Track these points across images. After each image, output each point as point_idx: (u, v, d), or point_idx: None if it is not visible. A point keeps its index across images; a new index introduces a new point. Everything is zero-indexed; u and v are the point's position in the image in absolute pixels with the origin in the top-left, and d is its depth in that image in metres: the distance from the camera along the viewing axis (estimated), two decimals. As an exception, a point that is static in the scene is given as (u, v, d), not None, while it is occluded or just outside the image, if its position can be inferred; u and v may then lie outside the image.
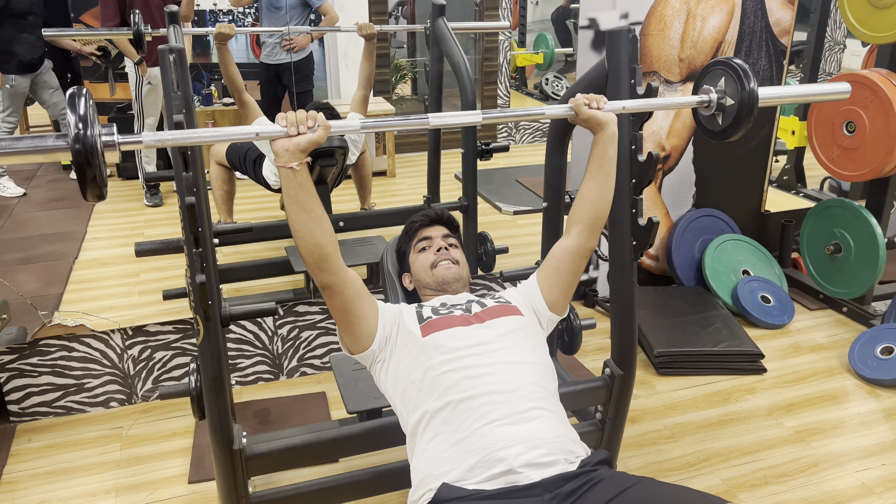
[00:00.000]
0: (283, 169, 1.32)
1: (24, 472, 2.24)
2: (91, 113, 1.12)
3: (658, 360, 2.75)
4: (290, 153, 1.31)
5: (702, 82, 1.64)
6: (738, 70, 1.53)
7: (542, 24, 7.17)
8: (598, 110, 1.50)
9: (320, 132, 1.31)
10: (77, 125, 1.10)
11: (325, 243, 1.39)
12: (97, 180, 1.13)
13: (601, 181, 1.56)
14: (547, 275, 1.64)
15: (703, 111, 1.63)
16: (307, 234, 1.37)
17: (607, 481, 1.33)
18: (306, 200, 1.35)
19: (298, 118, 1.30)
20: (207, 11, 5.16)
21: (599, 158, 1.55)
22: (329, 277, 1.43)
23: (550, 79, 6.56)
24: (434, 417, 1.42)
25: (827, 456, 2.29)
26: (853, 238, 2.99)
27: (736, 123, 1.56)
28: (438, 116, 1.42)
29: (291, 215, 1.36)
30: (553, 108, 1.54)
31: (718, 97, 1.59)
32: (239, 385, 2.68)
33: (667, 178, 3.26)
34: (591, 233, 1.59)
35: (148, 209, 4.27)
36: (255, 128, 1.30)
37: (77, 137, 1.10)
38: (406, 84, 6.70)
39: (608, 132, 1.53)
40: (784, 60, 3.25)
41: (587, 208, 1.58)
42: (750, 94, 1.52)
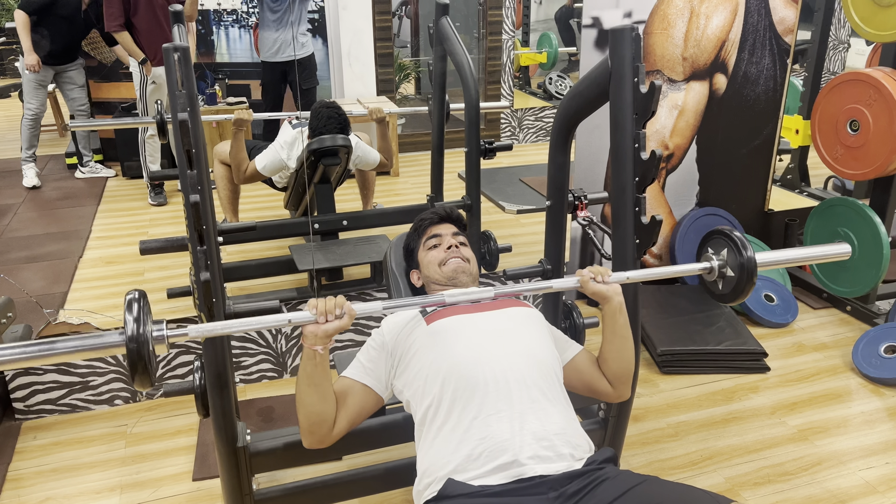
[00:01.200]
0: (307, 349, 1.38)
1: (29, 469, 2.25)
2: (144, 314, 1.24)
3: (661, 358, 2.75)
4: (318, 338, 1.36)
5: (706, 245, 1.72)
6: (737, 242, 1.62)
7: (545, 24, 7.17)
8: (602, 284, 1.53)
9: (346, 319, 1.37)
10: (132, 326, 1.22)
11: (326, 413, 1.44)
12: (148, 370, 1.23)
13: (618, 345, 1.58)
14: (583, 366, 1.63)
15: (707, 276, 1.71)
16: (310, 405, 1.43)
17: (612, 480, 1.33)
18: (321, 380, 1.41)
19: (328, 307, 1.35)
20: (211, 11, 5.18)
21: (612, 327, 1.58)
22: (317, 441, 1.47)
23: (554, 78, 6.56)
24: (441, 405, 1.43)
25: (830, 455, 2.29)
26: (857, 237, 2.99)
27: (735, 292, 1.64)
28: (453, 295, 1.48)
29: (301, 388, 1.42)
30: (561, 282, 1.55)
31: (720, 265, 1.66)
32: (243, 383, 2.69)
33: (670, 177, 3.26)
34: (624, 385, 1.61)
35: (152, 208, 4.28)
36: (288, 315, 1.37)
37: (132, 337, 1.21)
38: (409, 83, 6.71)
39: (614, 304, 1.56)
40: (788, 59, 3.24)
41: (610, 368, 1.60)
42: (748, 263, 1.59)
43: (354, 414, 1.51)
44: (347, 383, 1.54)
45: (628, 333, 1.59)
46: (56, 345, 1.22)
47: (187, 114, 1.49)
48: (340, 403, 1.49)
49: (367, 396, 1.53)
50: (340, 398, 1.50)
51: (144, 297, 1.26)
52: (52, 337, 2.43)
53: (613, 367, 1.59)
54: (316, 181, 3.18)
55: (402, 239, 1.97)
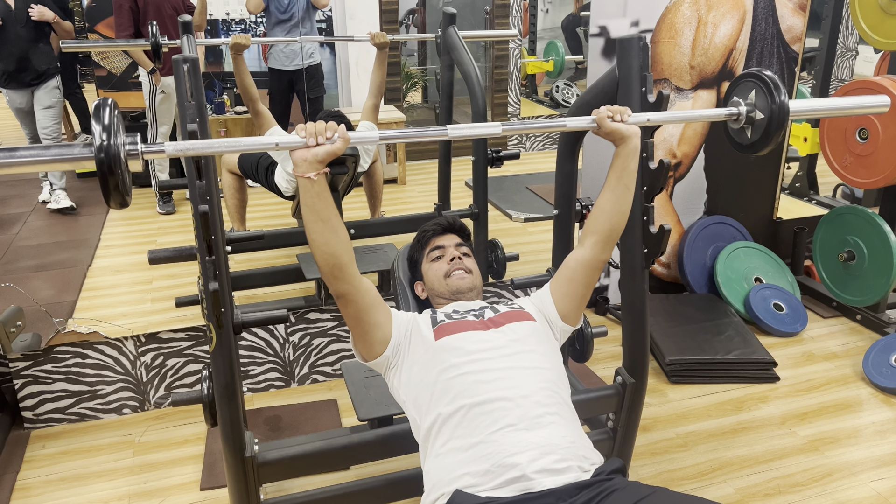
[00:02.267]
0: (301, 179, 1.34)
1: (37, 478, 2.25)
2: (115, 123, 1.14)
3: (670, 368, 2.74)
4: (309, 163, 1.32)
5: (732, 94, 1.60)
6: (768, 83, 1.50)
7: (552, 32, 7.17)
8: (621, 123, 1.49)
9: (339, 143, 1.32)
10: (101, 135, 1.12)
11: (341, 253, 1.40)
12: (120, 188, 1.15)
13: (619, 193, 1.55)
14: (560, 285, 1.64)
15: (733, 124, 1.60)
16: (323, 244, 1.39)
17: (621, 491, 1.32)
18: (323, 210, 1.37)
19: (318, 129, 1.31)
20: (220, 21, 5.21)
21: (620, 171, 1.54)
22: (343, 286, 1.44)
23: (561, 86, 6.56)
24: (447, 422, 1.42)
25: (841, 465, 2.27)
26: (867, 245, 2.97)
27: (765, 138, 1.53)
28: (457, 128, 1.41)
29: (309, 224, 1.38)
30: (575, 121, 1.51)
31: (748, 110, 1.55)
32: (251, 392, 2.69)
33: (678, 186, 3.25)
34: (605, 245, 1.58)
35: (161, 217, 4.30)
36: (275, 138, 1.31)
37: (102, 147, 1.11)
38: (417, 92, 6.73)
39: (631, 145, 1.51)
40: (796, 67, 3.24)
41: (603, 220, 1.57)
42: (780, 107, 1.48)
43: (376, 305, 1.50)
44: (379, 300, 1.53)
45: (632, 183, 1.55)
46: (18, 152, 1.14)
47: (196, 124, 1.49)
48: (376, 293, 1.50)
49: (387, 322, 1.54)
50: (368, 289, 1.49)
51: (116, 106, 1.17)
52: (60, 346, 2.44)
53: (605, 221, 1.56)
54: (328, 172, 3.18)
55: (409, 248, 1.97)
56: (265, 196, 3.68)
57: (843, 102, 1.69)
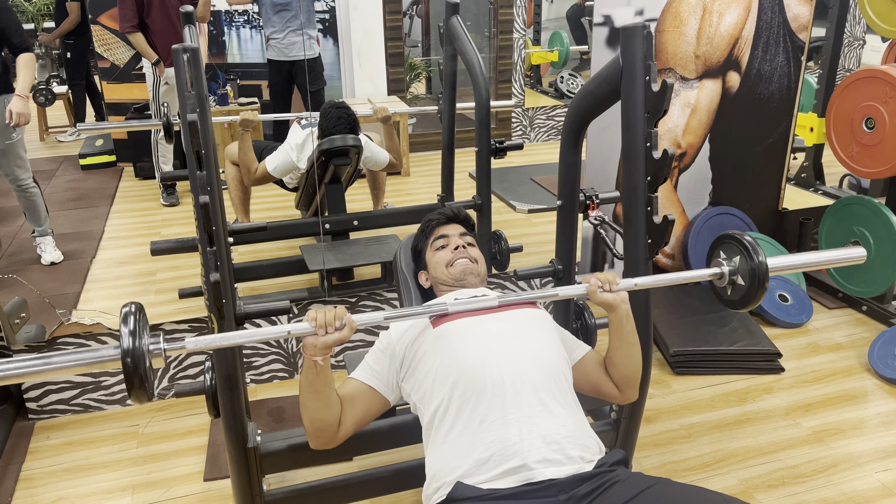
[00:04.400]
0: (308, 359, 1.37)
1: (42, 469, 2.26)
2: (139, 327, 1.22)
3: (674, 359, 2.73)
4: (318, 349, 1.35)
5: (717, 250, 1.68)
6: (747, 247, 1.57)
7: (556, 22, 7.14)
8: (609, 294, 1.51)
9: (346, 332, 1.35)
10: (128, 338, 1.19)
11: (329, 419, 1.45)
12: (145, 387, 1.21)
13: (625, 351, 1.57)
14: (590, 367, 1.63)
15: (717, 282, 1.67)
16: (314, 410, 1.43)
17: (624, 482, 1.32)
18: (323, 388, 1.41)
19: (327, 320, 1.34)
20: (223, 12, 5.19)
21: (618, 334, 1.56)
22: (323, 443, 1.48)
23: (565, 77, 6.53)
24: (449, 409, 1.42)
25: (846, 457, 2.26)
26: (873, 236, 2.95)
27: (746, 298, 1.60)
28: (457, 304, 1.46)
29: (304, 396, 1.42)
30: (567, 290, 1.54)
31: (730, 272, 1.62)
32: (254, 383, 2.70)
33: (683, 176, 3.23)
34: (631, 389, 1.61)
35: (164, 209, 4.30)
36: (287, 327, 1.35)
37: (128, 351, 1.19)
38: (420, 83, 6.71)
39: (621, 312, 1.54)
40: (802, 56, 3.21)
41: (618, 371, 1.59)
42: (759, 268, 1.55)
43: (361, 415, 1.51)
44: (355, 385, 1.53)
45: (635, 339, 1.57)
46: (52, 359, 1.21)
47: (197, 115, 1.48)
48: (347, 404, 1.49)
49: (374, 399, 1.53)
50: (348, 400, 1.49)
51: (141, 309, 1.25)
52: (64, 337, 2.45)
53: (621, 370, 1.58)
54: (326, 181, 3.18)
55: (412, 239, 1.96)
56: (268, 187, 3.68)
57: (820, 257, 1.74)
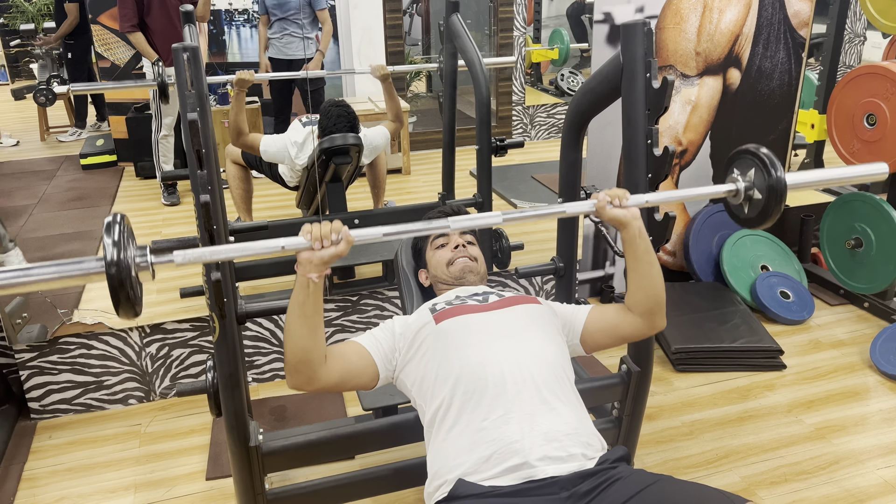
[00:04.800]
0: (301, 277, 1.33)
1: (44, 468, 2.26)
2: (125, 238, 1.17)
3: (676, 356, 2.73)
4: (313, 265, 1.32)
5: (731, 167, 1.62)
6: (765, 160, 1.51)
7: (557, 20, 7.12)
8: (620, 209, 1.47)
9: (342, 246, 1.31)
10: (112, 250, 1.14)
11: (312, 351, 1.39)
12: (131, 299, 1.17)
13: (643, 272, 1.54)
14: (599, 322, 1.61)
15: (732, 199, 1.61)
16: (298, 338, 1.38)
17: (625, 479, 1.32)
18: (312, 312, 1.37)
19: (323, 232, 1.30)
20: (223, 11, 5.18)
21: (633, 253, 1.53)
22: (301, 382, 1.42)
23: (566, 74, 6.52)
24: (450, 408, 1.42)
25: (848, 453, 2.26)
26: (874, 232, 2.94)
27: (762, 215, 1.53)
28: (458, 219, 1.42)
29: (291, 317, 1.37)
30: (575, 206, 1.50)
31: (746, 187, 1.55)
32: (256, 382, 2.70)
33: (684, 173, 3.23)
34: (655, 316, 1.57)
35: (166, 208, 4.29)
36: (282, 241, 1.30)
37: (112, 262, 1.14)
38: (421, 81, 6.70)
39: (633, 229, 1.50)
40: (803, 53, 3.20)
41: (639, 299, 1.55)
42: (777, 183, 1.49)
43: (350, 373, 1.48)
44: (355, 346, 1.52)
45: (653, 258, 1.53)
46: (32, 271, 1.16)
47: (197, 114, 1.48)
48: (339, 357, 1.46)
49: (368, 365, 1.51)
50: (341, 355, 1.47)
51: (126, 219, 1.19)
52: (66, 337, 2.45)
53: (642, 296, 1.55)
54: (327, 180, 3.17)
55: (412, 237, 1.96)
56: (269, 186, 3.68)
57: (842, 172, 1.70)
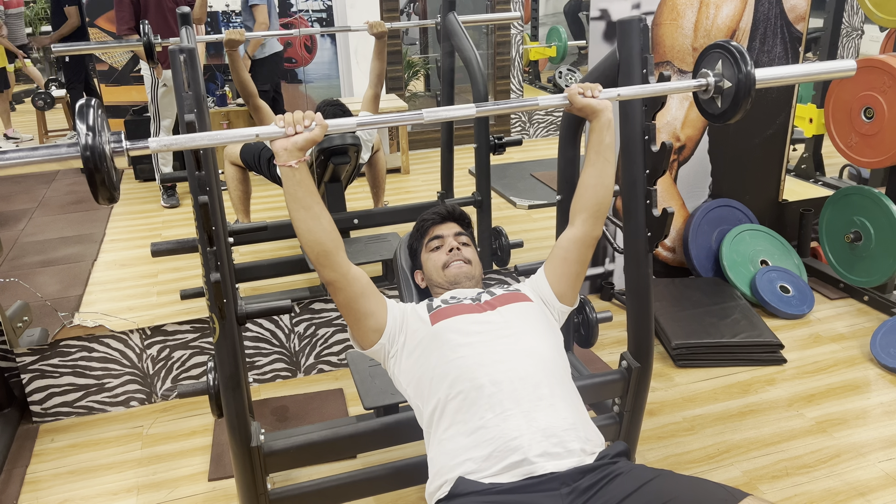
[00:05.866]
0: (283, 168, 1.35)
1: (46, 471, 2.27)
2: (100, 122, 1.16)
3: (676, 352, 2.73)
4: (289, 152, 1.33)
5: (700, 66, 1.63)
6: (734, 52, 1.52)
7: (554, 18, 7.12)
8: (592, 98, 1.51)
9: (317, 130, 1.33)
10: (86, 134, 1.14)
11: (325, 240, 1.42)
12: (107, 184, 1.18)
13: (600, 168, 1.58)
14: (554, 266, 1.65)
15: (702, 95, 1.62)
16: (307, 231, 1.40)
17: (626, 475, 1.32)
18: (305, 198, 1.38)
19: (295, 118, 1.33)
20: (220, 13, 5.18)
21: (597, 145, 1.57)
22: (331, 274, 1.45)
23: (564, 72, 6.51)
24: (447, 407, 1.42)
25: (849, 446, 2.26)
26: (873, 226, 2.95)
27: (734, 106, 1.55)
28: (432, 111, 1.44)
29: (292, 212, 1.40)
30: (547, 99, 1.54)
31: (716, 80, 1.57)
32: (257, 383, 2.70)
33: (682, 169, 3.23)
34: (595, 221, 1.60)
35: (165, 210, 4.30)
36: (255, 130, 1.33)
37: (87, 146, 1.14)
38: (419, 80, 6.70)
39: (603, 119, 1.54)
40: (800, 47, 3.20)
41: (588, 195, 1.59)
42: (746, 76, 1.51)
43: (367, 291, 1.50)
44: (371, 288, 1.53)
45: (612, 156, 1.57)
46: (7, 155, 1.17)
47: (194, 115, 1.48)
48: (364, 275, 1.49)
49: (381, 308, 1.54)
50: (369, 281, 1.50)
51: (101, 105, 1.20)
52: (67, 340, 2.45)
53: (590, 195, 1.58)
54: (326, 180, 3.18)
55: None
56: (268, 187, 3.68)
57: (810, 68, 1.72)
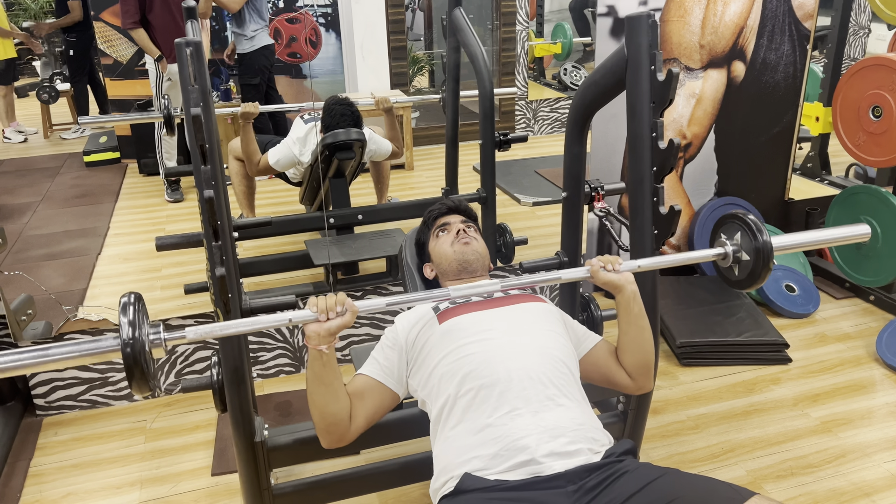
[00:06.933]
0: (312, 350, 1.36)
1: (50, 464, 2.27)
2: (140, 317, 1.22)
3: (681, 350, 2.72)
4: (321, 337, 1.34)
5: (718, 232, 1.67)
6: (751, 226, 1.56)
7: (560, 14, 7.10)
8: (613, 273, 1.51)
9: (348, 316, 1.34)
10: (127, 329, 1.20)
11: (339, 412, 1.43)
12: (146, 377, 1.22)
13: (634, 335, 1.55)
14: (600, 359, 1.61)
15: (721, 263, 1.66)
16: (323, 405, 1.41)
17: (632, 473, 1.31)
18: (328, 376, 1.39)
19: (328, 305, 1.33)
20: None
21: (627, 317, 1.54)
22: (335, 441, 1.46)
23: (569, 69, 6.50)
24: (456, 404, 1.41)
25: (855, 446, 2.25)
26: (880, 225, 2.93)
27: (752, 276, 1.58)
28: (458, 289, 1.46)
29: (311, 388, 1.40)
30: (570, 273, 1.54)
31: (734, 251, 1.61)
32: (260, 378, 2.70)
33: (688, 167, 3.22)
34: (644, 377, 1.58)
35: (169, 205, 4.30)
36: (288, 315, 1.34)
37: (128, 342, 1.19)
38: (423, 76, 6.69)
39: (627, 293, 1.53)
40: (807, 45, 3.19)
41: (629, 359, 1.57)
42: (763, 245, 1.54)
43: (372, 411, 1.50)
44: (364, 381, 1.52)
45: (645, 323, 1.55)
46: (50, 351, 1.21)
47: (200, 109, 1.48)
48: (357, 400, 1.48)
49: (384, 394, 1.52)
50: (357, 395, 1.49)
51: (140, 299, 1.24)
52: (71, 333, 2.45)
53: (632, 358, 1.57)
54: (330, 176, 3.17)
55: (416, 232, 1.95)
56: (273, 182, 3.68)
57: (824, 235, 1.76)
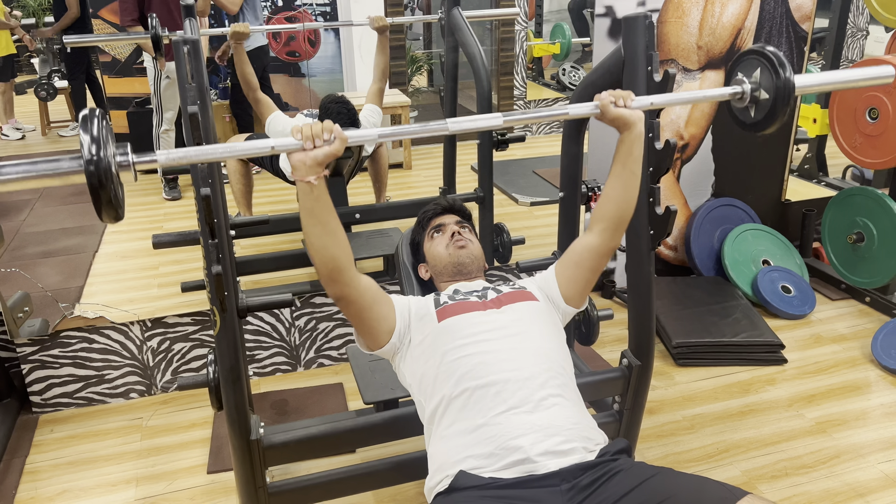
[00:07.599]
0: (300, 183, 1.30)
1: (46, 462, 2.27)
2: (105, 134, 1.08)
3: (676, 350, 2.73)
4: (308, 167, 1.28)
5: (735, 71, 1.54)
6: (772, 59, 1.43)
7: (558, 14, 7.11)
8: (624, 108, 1.44)
9: (336, 144, 1.28)
10: (90, 147, 1.05)
11: (340, 255, 1.37)
12: (112, 202, 1.10)
13: (625, 180, 1.53)
14: (565, 269, 1.63)
15: (736, 103, 1.54)
16: (322, 247, 1.35)
17: (626, 472, 1.32)
18: (322, 213, 1.33)
19: (314, 131, 1.27)
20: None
21: (625, 158, 1.50)
22: (342, 289, 1.41)
23: (567, 69, 6.51)
24: (451, 404, 1.42)
25: (849, 447, 2.26)
26: (876, 227, 2.94)
27: (770, 117, 1.46)
28: (457, 121, 1.37)
29: (307, 227, 1.34)
30: (578, 107, 1.47)
31: (752, 88, 1.49)
32: (257, 376, 2.70)
33: (685, 167, 3.22)
34: (614, 232, 1.56)
35: (167, 203, 4.30)
36: (271, 142, 1.26)
37: (91, 160, 1.05)
38: (422, 76, 6.69)
39: (635, 131, 1.47)
40: (805, 47, 3.19)
41: (610, 207, 1.55)
42: (786, 84, 1.41)
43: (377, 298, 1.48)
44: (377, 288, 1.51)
45: (638, 170, 1.52)
46: (5, 169, 1.09)
47: (198, 107, 1.48)
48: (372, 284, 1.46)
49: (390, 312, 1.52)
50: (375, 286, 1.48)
51: (104, 114, 1.10)
52: (67, 331, 2.45)
53: (614, 207, 1.54)
54: (328, 175, 3.17)
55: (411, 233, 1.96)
56: (270, 181, 3.68)
57: (851, 74, 1.60)
